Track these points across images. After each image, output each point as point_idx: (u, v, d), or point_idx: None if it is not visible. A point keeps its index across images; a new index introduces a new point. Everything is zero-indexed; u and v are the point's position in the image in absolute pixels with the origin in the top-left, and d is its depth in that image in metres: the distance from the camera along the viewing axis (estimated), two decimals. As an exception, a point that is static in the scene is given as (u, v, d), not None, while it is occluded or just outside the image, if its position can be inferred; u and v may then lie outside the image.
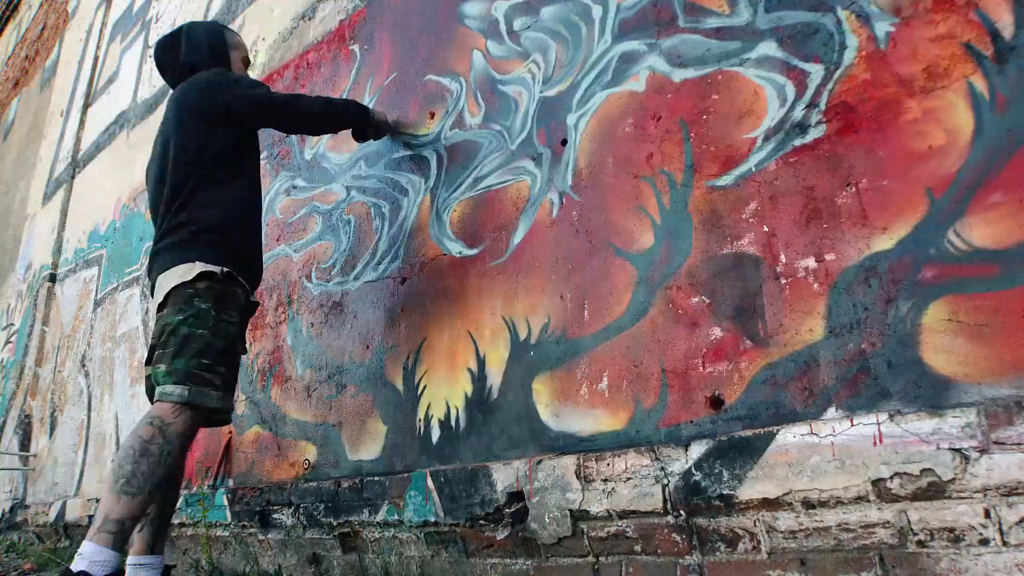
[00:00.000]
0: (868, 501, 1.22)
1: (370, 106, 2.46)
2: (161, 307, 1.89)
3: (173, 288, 1.86)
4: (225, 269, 1.90)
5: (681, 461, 1.46)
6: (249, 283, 2.03)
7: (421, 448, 2.10)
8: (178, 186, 1.97)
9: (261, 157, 3.21)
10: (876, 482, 1.20)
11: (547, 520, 1.67)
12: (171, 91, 2.20)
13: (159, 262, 1.94)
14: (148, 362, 1.93)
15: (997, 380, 1.15)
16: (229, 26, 3.95)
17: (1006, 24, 1.26)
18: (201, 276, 1.85)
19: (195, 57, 2.19)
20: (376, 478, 2.13)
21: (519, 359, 1.91)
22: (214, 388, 1.82)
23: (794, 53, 1.54)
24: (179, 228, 1.93)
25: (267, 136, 3.32)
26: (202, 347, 1.81)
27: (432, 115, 2.44)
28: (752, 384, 1.44)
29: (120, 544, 1.60)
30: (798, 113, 1.50)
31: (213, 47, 2.23)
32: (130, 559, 1.90)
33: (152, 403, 1.87)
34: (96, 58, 6.03)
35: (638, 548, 1.54)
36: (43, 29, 8.01)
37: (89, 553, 1.58)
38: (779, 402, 1.39)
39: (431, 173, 2.36)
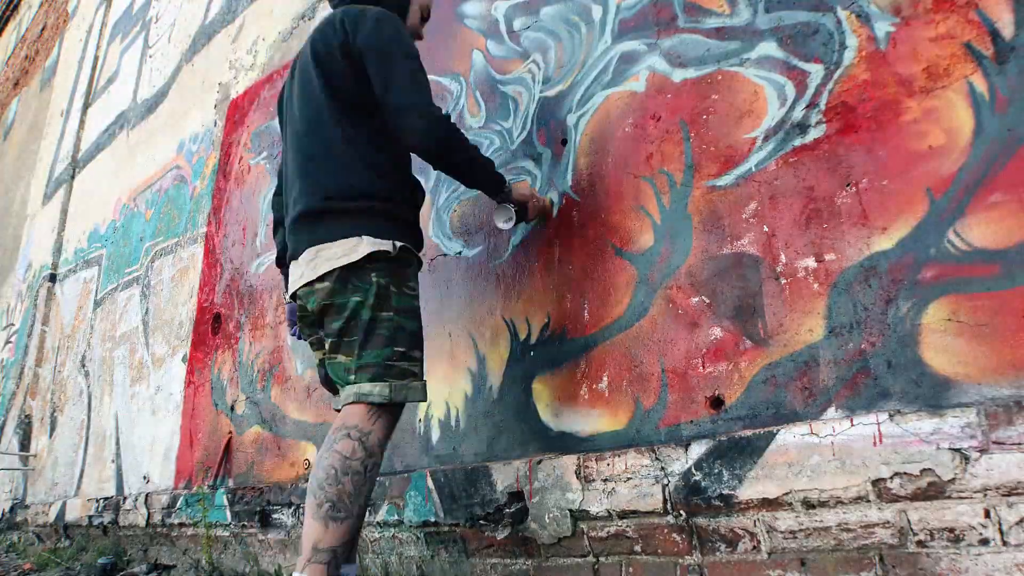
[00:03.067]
0: (868, 501, 1.22)
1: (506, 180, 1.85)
2: (318, 279, 1.57)
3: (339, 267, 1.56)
4: (399, 244, 1.59)
5: (681, 461, 1.46)
6: (419, 250, 1.72)
7: (421, 448, 2.10)
8: (329, 139, 1.63)
9: (261, 157, 3.20)
10: (876, 482, 1.20)
11: (547, 520, 1.66)
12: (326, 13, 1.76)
13: (309, 229, 1.61)
14: (320, 347, 1.66)
15: (997, 380, 1.15)
16: (229, 26, 3.96)
17: (1006, 24, 1.26)
18: (371, 256, 1.55)
19: None
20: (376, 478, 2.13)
21: (519, 359, 1.91)
22: (415, 378, 1.55)
23: (794, 53, 1.54)
24: (336, 193, 1.60)
25: (267, 136, 3.32)
26: (392, 332, 1.53)
27: (432, 115, 2.44)
28: (752, 384, 1.44)
29: (336, 573, 1.41)
30: (798, 113, 1.50)
31: None
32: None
33: (335, 394, 1.66)
34: (96, 58, 6.03)
35: (638, 548, 1.54)
36: (43, 29, 8.01)
37: None
38: (779, 402, 1.39)
39: (431, 173, 2.36)
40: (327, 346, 1.60)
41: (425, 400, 1.58)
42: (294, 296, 1.68)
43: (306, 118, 1.68)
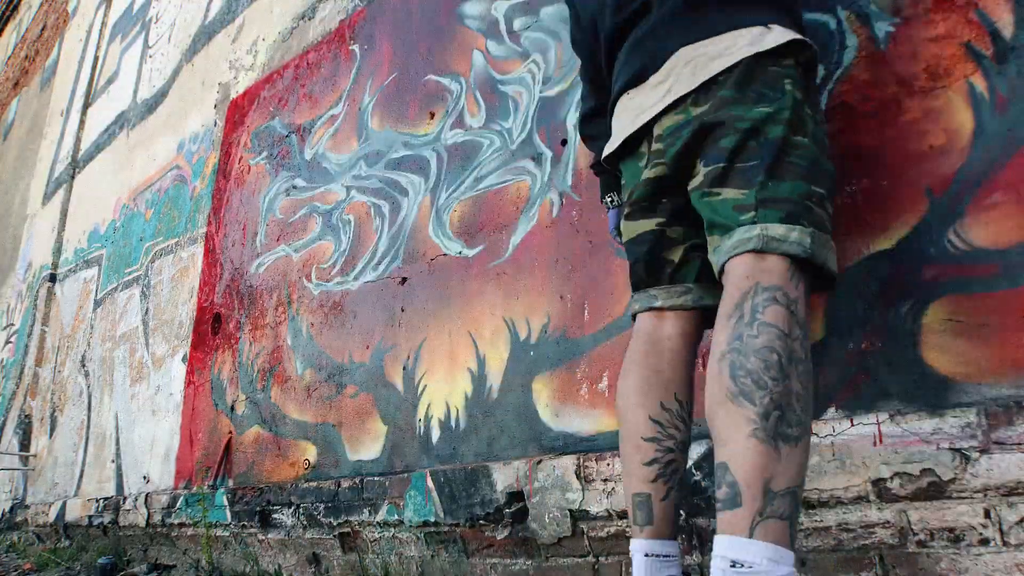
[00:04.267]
0: (868, 501, 1.22)
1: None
2: (689, 102, 1.14)
3: (731, 68, 1.11)
4: (812, 45, 1.17)
5: (681, 461, 1.46)
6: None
7: (421, 448, 2.10)
8: None
9: (260, 157, 3.21)
10: (876, 482, 1.20)
11: (547, 520, 1.66)
12: None
13: (667, 27, 1.20)
14: (654, 212, 1.22)
15: (997, 380, 1.15)
16: (229, 26, 3.96)
17: (1006, 24, 1.26)
18: (790, 47, 1.13)
19: None
20: (376, 478, 2.13)
21: (519, 359, 1.91)
22: (831, 235, 1.08)
23: (794, 53, 1.54)
24: None
25: (268, 136, 3.32)
26: (809, 165, 1.07)
27: (432, 115, 2.44)
28: (752, 384, 1.44)
29: (794, 540, 0.91)
30: (798, 113, 1.50)
31: None
32: (647, 544, 1.14)
33: (658, 282, 1.23)
34: (96, 58, 6.03)
35: (638, 548, 1.54)
36: (43, 29, 8.01)
37: (759, 561, 0.87)
38: (779, 402, 1.39)
39: (431, 173, 2.36)
40: (704, 179, 1.12)
41: (837, 279, 1.09)
42: (631, 148, 1.22)
43: None
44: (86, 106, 5.90)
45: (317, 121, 3.02)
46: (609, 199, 1.50)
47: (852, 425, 1.25)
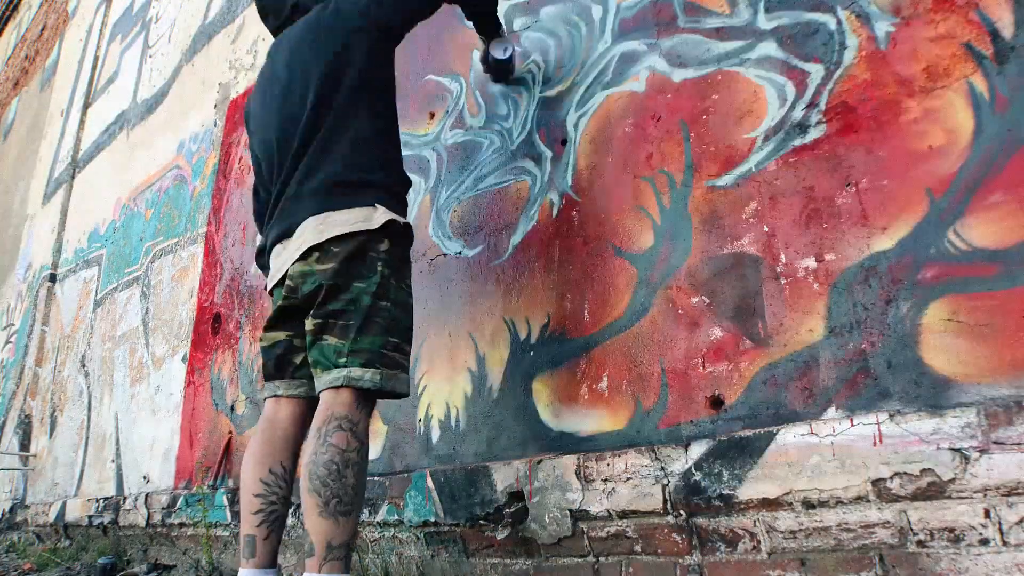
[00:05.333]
0: (868, 501, 1.22)
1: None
2: (313, 258, 1.55)
3: (345, 239, 1.52)
4: (405, 221, 1.61)
5: (681, 461, 1.46)
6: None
7: (421, 448, 2.10)
8: (319, 122, 1.63)
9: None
10: (876, 482, 1.20)
11: (547, 520, 1.67)
12: (281, 32, 1.90)
13: (305, 204, 1.59)
14: (287, 327, 1.68)
15: (997, 380, 1.15)
16: (229, 26, 3.96)
17: (1006, 24, 1.26)
18: (385, 229, 1.55)
19: None
20: (376, 478, 2.13)
21: (519, 359, 1.91)
22: (403, 371, 1.54)
23: (794, 53, 1.54)
24: (336, 165, 1.59)
25: (267, 136, 3.32)
26: (388, 324, 1.52)
27: (432, 115, 2.44)
28: (752, 384, 1.44)
29: (348, 567, 1.41)
30: (798, 113, 1.50)
31: None
32: (252, 572, 1.60)
33: (275, 378, 1.69)
34: (96, 58, 6.03)
35: (638, 548, 1.54)
36: (43, 29, 8.01)
37: None
38: (779, 402, 1.39)
39: (431, 173, 2.36)
40: (313, 327, 1.54)
41: (408, 395, 1.57)
42: (279, 283, 1.65)
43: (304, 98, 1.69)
44: (86, 106, 5.90)
45: (317, 121, 3.01)
46: (277, 279, 1.76)
47: (852, 425, 1.25)
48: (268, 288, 1.76)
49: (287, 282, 1.63)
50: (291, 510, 2.40)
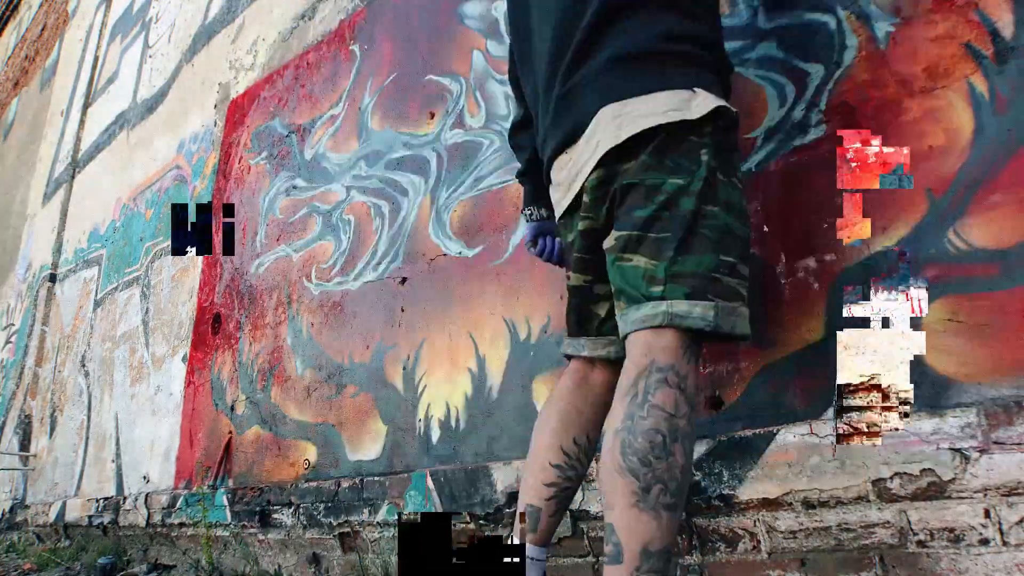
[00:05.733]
0: (868, 501, 1.22)
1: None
2: (614, 157, 1.18)
3: (658, 129, 1.14)
4: (735, 109, 1.22)
5: (681, 461, 1.46)
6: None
7: (421, 448, 2.10)
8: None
9: (260, 157, 3.20)
10: (876, 482, 1.20)
11: (547, 520, 1.66)
12: None
13: (593, 89, 1.22)
14: (587, 269, 1.30)
15: (997, 380, 1.15)
16: (229, 26, 3.96)
17: (1006, 24, 1.26)
18: (710, 115, 1.16)
19: None
20: (376, 478, 2.13)
21: (519, 359, 1.91)
22: (743, 302, 1.15)
23: (794, 53, 1.54)
24: (637, 35, 1.20)
25: (268, 136, 3.32)
26: (719, 236, 1.13)
27: (432, 115, 2.44)
28: (752, 384, 1.44)
29: None
30: (798, 113, 1.50)
31: None
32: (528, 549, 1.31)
33: (581, 333, 1.36)
34: (96, 58, 6.03)
35: (638, 548, 1.54)
36: (43, 29, 8.01)
37: None
38: (779, 402, 1.39)
39: (431, 173, 2.36)
40: (616, 243, 1.17)
41: (749, 336, 1.16)
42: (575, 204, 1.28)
43: None
44: (86, 106, 5.90)
45: (317, 121, 3.02)
46: (528, 212, 1.55)
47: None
48: (558, 216, 1.38)
49: (584, 196, 1.24)
50: (292, 511, 2.40)
